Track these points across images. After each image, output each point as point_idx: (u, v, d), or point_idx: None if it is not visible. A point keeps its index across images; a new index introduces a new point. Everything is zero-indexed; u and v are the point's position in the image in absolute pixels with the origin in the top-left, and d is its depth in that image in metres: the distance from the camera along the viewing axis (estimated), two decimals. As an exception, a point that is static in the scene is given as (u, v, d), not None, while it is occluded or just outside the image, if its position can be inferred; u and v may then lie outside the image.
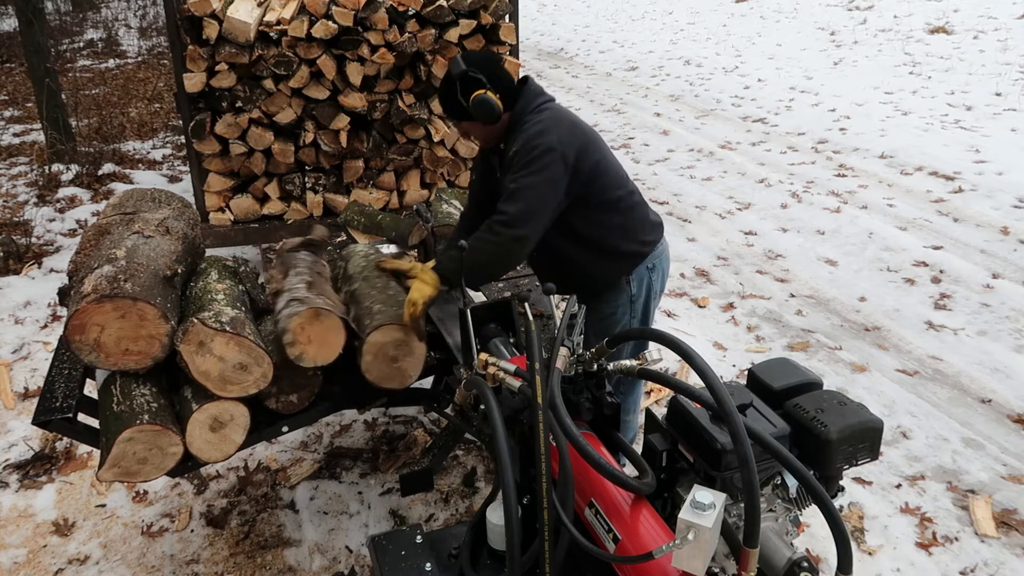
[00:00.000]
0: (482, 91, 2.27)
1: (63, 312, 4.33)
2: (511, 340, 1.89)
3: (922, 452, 3.17)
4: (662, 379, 1.46)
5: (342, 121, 4.37)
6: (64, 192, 6.30)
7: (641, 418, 2.68)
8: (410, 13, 4.27)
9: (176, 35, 4.19)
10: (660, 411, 1.50)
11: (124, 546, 2.81)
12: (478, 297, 2.65)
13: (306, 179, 4.55)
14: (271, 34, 4.16)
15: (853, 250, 5.04)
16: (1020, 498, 2.90)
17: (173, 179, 6.81)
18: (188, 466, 2.16)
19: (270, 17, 4.14)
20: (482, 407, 1.45)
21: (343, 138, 4.41)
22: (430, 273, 2.26)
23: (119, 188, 6.38)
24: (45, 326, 4.36)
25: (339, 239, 3.87)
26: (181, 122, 4.71)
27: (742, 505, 1.19)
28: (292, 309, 2.15)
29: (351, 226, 3.54)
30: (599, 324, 2.47)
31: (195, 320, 2.04)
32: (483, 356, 1.56)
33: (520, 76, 2.46)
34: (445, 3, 4.25)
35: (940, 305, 4.30)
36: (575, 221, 2.35)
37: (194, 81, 4.15)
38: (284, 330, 2.13)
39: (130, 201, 2.68)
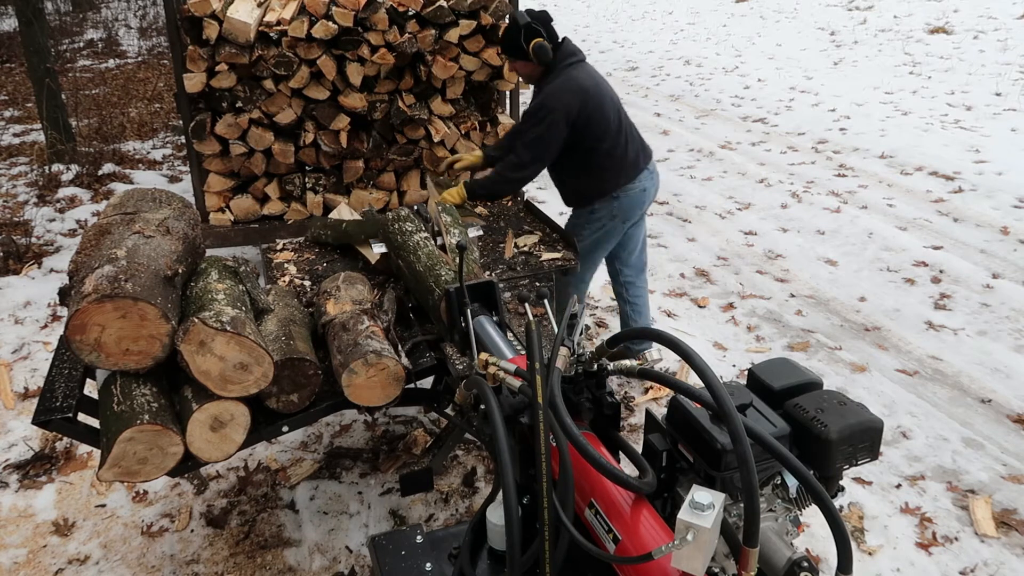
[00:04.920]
0: (541, 39, 3.07)
1: (63, 312, 4.33)
2: (495, 318, 2.07)
3: (922, 452, 3.17)
4: (662, 379, 1.46)
5: (342, 121, 4.38)
6: (64, 192, 6.30)
7: (641, 418, 2.69)
8: (410, 14, 4.27)
9: (176, 35, 4.19)
10: (660, 411, 1.50)
11: (124, 546, 2.81)
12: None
13: (306, 179, 4.55)
14: (271, 34, 4.16)
15: (853, 250, 5.04)
16: (1020, 498, 2.90)
17: (173, 179, 6.81)
18: (188, 466, 2.16)
19: (270, 17, 4.13)
20: (482, 407, 1.45)
21: (343, 138, 4.41)
22: (461, 188, 3.28)
23: (119, 188, 6.38)
24: (45, 326, 4.36)
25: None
26: (181, 122, 4.71)
27: (742, 505, 1.19)
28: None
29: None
30: (568, 226, 3.45)
31: (196, 320, 2.04)
32: (483, 356, 1.56)
33: (560, 37, 3.22)
34: (445, 3, 4.25)
35: (940, 305, 4.30)
36: (565, 152, 3.16)
37: (194, 81, 4.15)
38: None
39: (130, 201, 2.67)
